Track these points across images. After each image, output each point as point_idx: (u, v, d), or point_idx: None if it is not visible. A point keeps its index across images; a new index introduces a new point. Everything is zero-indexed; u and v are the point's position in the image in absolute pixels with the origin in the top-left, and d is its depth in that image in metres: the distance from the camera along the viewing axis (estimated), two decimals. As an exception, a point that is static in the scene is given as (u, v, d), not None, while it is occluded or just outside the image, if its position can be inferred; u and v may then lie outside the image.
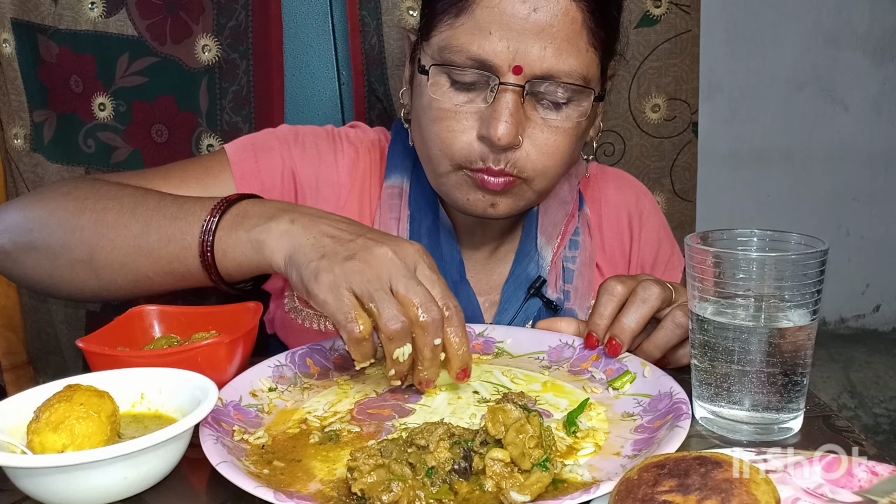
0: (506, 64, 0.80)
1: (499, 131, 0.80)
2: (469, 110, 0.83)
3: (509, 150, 0.83)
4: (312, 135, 0.99)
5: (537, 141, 0.84)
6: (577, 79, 0.82)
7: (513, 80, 0.81)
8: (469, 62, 0.81)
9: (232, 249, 0.75)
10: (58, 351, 1.32)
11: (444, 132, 0.84)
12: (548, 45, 0.80)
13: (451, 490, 0.56)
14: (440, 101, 0.84)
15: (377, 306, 0.66)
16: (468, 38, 0.81)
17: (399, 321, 0.66)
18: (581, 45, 0.82)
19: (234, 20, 1.19)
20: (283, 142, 0.97)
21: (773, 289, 0.63)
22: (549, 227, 0.99)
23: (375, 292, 0.66)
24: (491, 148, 0.82)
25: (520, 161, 0.84)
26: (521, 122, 0.82)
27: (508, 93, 0.81)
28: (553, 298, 0.97)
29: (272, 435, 0.66)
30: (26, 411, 0.61)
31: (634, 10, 1.25)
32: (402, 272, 0.68)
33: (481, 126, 0.82)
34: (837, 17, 2.59)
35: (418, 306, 0.66)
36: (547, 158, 0.85)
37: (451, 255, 0.96)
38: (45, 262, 0.82)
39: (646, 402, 0.70)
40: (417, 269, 0.69)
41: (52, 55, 1.20)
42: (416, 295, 0.67)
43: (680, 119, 1.31)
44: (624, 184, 1.10)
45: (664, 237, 1.09)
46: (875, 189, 2.74)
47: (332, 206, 0.96)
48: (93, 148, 1.23)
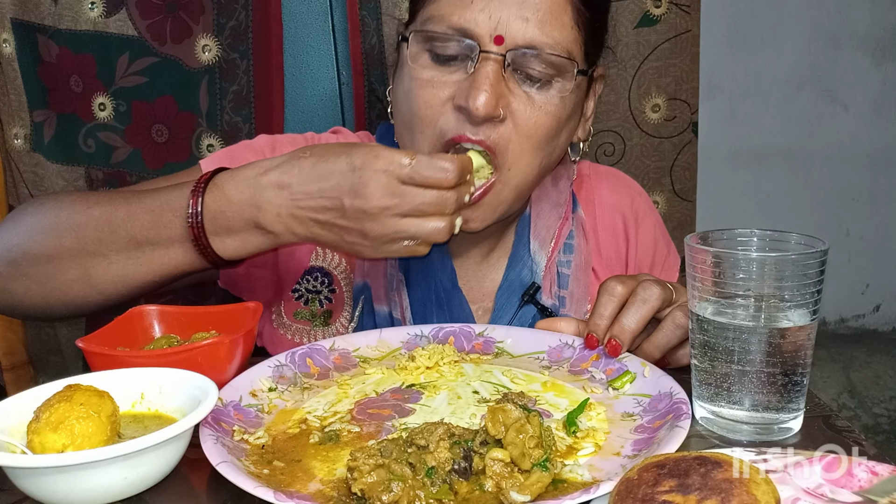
0: (487, 34, 0.80)
1: (478, 101, 0.78)
2: (447, 81, 0.82)
3: (489, 121, 0.81)
4: (290, 143, 0.98)
5: (519, 118, 0.82)
6: (560, 51, 0.81)
7: (494, 50, 0.80)
8: (450, 31, 0.81)
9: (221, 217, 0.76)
10: (58, 351, 1.32)
11: (422, 108, 0.83)
12: (530, 16, 0.80)
13: (451, 490, 0.56)
14: (419, 71, 0.83)
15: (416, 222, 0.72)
16: (450, 9, 0.81)
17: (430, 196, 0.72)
18: (565, 21, 0.82)
19: (234, 20, 1.19)
20: (259, 154, 0.95)
21: (773, 289, 0.63)
22: (542, 230, 0.97)
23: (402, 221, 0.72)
24: (469, 119, 0.80)
25: (500, 137, 0.82)
26: (501, 94, 0.80)
27: (490, 62, 0.80)
28: (548, 305, 0.95)
29: (272, 435, 0.66)
30: (26, 411, 0.61)
31: (634, 10, 1.25)
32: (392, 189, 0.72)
33: (459, 96, 0.81)
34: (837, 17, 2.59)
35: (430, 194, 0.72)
36: (526, 138, 0.83)
37: (441, 263, 0.94)
38: (35, 289, 0.81)
39: (646, 402, 0.70)
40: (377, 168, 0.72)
41: (52, 55, 1.20)
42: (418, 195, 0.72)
43: (680, 119, 1.31)
44: (618, 184, 1.08)
45: (660, 237, 1.07)
46: (875, 189, 2.74)
47: None
48: (93, 148, 1.23)
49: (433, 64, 0.83)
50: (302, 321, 0.97)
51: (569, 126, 0.89)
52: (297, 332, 0.96)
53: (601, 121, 1.29)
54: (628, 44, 1.26)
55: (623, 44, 1.26)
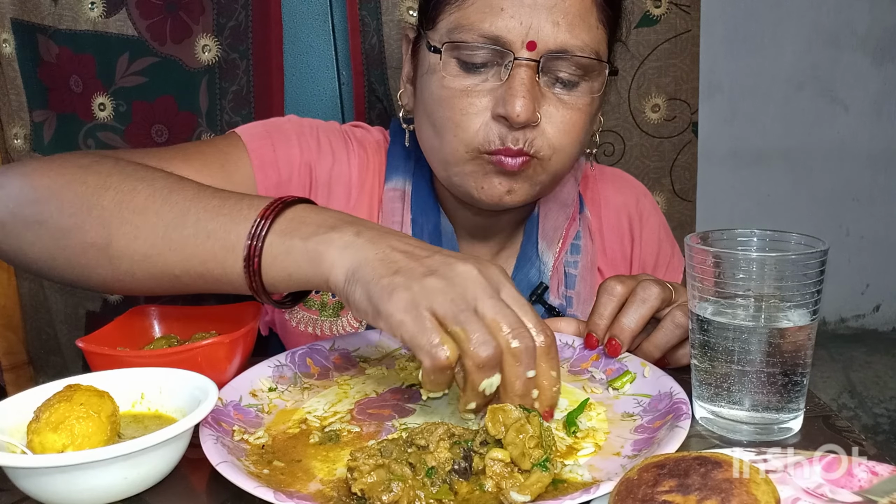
0: (519, 40, 0.80)
1: (517, 108, 0.79)
2: (482, 90, 0.82)
3: (527, 128, 0.81)
4: (326, 130, 0.97)
5: (553, 119, 0.83)
6: (590, 53, 0.82)
7: (527, 56, 0.80)
8: (481, 40, 0.80)
9: (283, 257, 0.65)
10: (58, 351, 1.32)
11: (457, 115, 0.82)
12: (560, 20, 0.80)
13: (451, 490, 0.56)
14: (451, 80, 0.82)
15: (465, 328, 0.58)
16: (479, 17, 0.80)
17: (491, 346, 0.58)
18: (592, 22, 0.82)
19: (234, 20, 1.19)
20: (300, 133, 0.94)
21: (773, 289, 0.63)
22: (549, 231, 0.98)
23: (461, 313, 0.58)
24: (508, 127, 0.81)
25: (537, 140, 0.82)
26: (537, 98, 0.81)
27: (523, 69, 0.80)
28: (556, 305, 0.95)
29: (272, 435, 0.66)
30: (26, 411, 0.60)
31: (634, 10, 1.25)
32: (489, 293, 0.60)
33: (496, 105, 0.81)
34: (837, 17, 2.59)
35: (509, 331, 0.59)
36: (564, 136, 0.84)
37: None
38: (48, 241, 0.71)
39: (646, 402, 0.70)
40: (502, 291, 0.62)
41: (52, 55, 1.20)
42: (505, 318, 0.59)
43: (680, 119, 1.31)
44: (623, 185, 1.09)
45: (664, 238, 1.08)
46: (875, 189, 2.74)
47: (342, 206, 0.94)
48: (93, 148, 1.23)
49: (463, 72, 0.83)
50: (311, 310, 0.96)
51: (595, 119, 0.91)
52: (303, 320, 0.96)
53: (601, 121, 1.30)
54: (628, 44, 1.26)
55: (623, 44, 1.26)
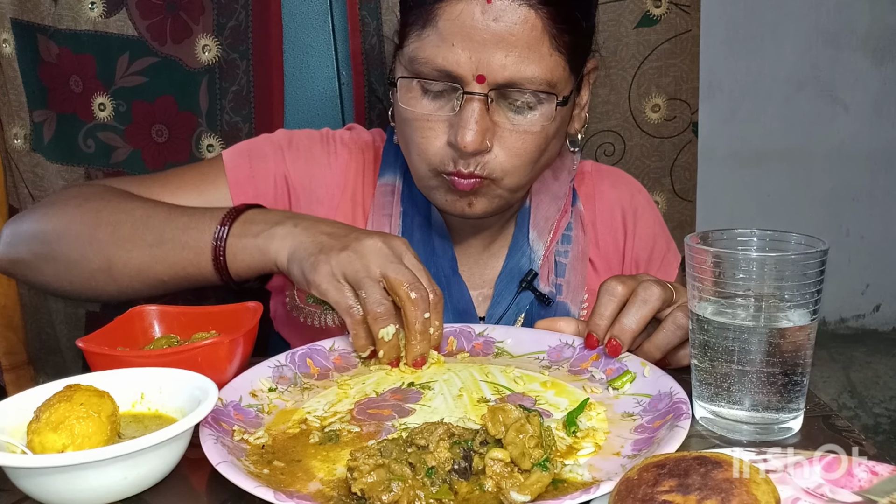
0: (469, 73, 0.83)
1: (466, 139, 0.83)
2: (440, 118, 0.86)
3: (478, 154, 0.85)
4: (307, 138, 1.03)
5: (505, 144, 0.86)
6: (540, 84, 0.84)
7: (478, 90, 0.83)
8: (435, 73, 0.85)
9: (241, 253, 0.84)
10: (58, 351, 1.32)
11: (418, 137, 0.88)
12: (509, 53, 0.82)
13: (451, 490, 0.56)
14: (413, 110, 0.87)
15: (364, 292, 0.76)
16: (434, 51, 0.84)
17: (381, 304, 0.76)
18: (543, 51, 0.84)
19: (234, 20, 1.19)
20: (277, 147, 1.01)
21: (773, 289, 0.63)
22: (540, 221, 1.01)
23: (362, 280, 0.76)
24: (460, 153, 0.85)
25: (489, 164, 0.86)
26: (487, 128, 0.85)
27: (474, 101, 0.83)
28: (545, 292, 0.98)
29: (272, 435, 0.66)
30: (26, 411, 0.61)
31: (634, 10, 1.25)
32: (391, 258, 0.77)
33: (450, 133, 0.86)
34: (837, 17, 2.59)
35: (407, 285, 0.76)
36: (516, 159, 0.87)
37: (442, 250, 0.98)
38: (64, 272, 0.89)
39: (646, 401, 0.70)
40: (404, 258, 0.79)
41: (52, 55, 1.19)
42: (404, 276, 0.76)
43: (680, 119, 1.31)
44: (619, 181, 1.10)
45: (659, 234, 1.09)
46: (875, 189, 2.75)
47: (326, 206, 1.00)
48: (93, 148, 1.23)
49: (426, 100, 0.87)
50: (313, 305, 0.99)
51: (559, 132, 0.92)
52: (309, 314, 0.99)
53: (601, 121, 1.29)
54: (628, 44, 1.26)
55: (623, 44, 1.26)
